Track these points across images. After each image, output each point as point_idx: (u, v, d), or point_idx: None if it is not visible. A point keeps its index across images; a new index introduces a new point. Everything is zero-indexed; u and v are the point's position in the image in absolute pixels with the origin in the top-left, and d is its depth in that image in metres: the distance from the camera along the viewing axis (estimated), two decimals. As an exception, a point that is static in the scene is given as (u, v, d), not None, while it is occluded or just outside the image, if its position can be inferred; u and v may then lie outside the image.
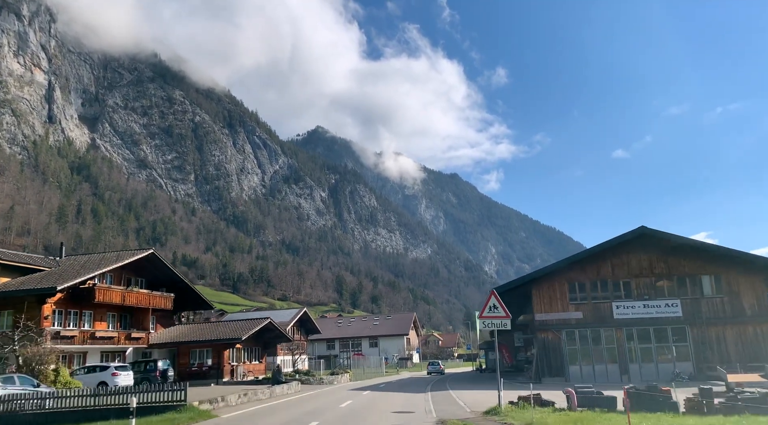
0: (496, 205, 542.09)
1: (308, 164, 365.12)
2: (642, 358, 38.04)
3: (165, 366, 36.75)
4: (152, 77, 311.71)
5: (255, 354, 48.70)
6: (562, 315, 38.77)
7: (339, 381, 45.91)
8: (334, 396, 29.97)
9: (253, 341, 47.01)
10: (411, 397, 27.49)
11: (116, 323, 40.88)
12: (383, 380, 49.06)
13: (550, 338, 38.49)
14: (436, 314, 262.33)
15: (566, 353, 38.14)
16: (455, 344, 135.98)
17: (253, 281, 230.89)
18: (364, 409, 21.56)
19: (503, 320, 18.79)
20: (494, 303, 18.71)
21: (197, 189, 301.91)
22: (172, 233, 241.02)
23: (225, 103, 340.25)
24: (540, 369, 38.32)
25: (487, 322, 18.78)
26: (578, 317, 38.60)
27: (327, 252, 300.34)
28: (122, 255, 41.18)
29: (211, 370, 41.79)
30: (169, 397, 20.21)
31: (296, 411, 21.41)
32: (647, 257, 39.27)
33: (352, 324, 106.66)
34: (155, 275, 44.22)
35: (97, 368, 33.25)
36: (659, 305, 38.39)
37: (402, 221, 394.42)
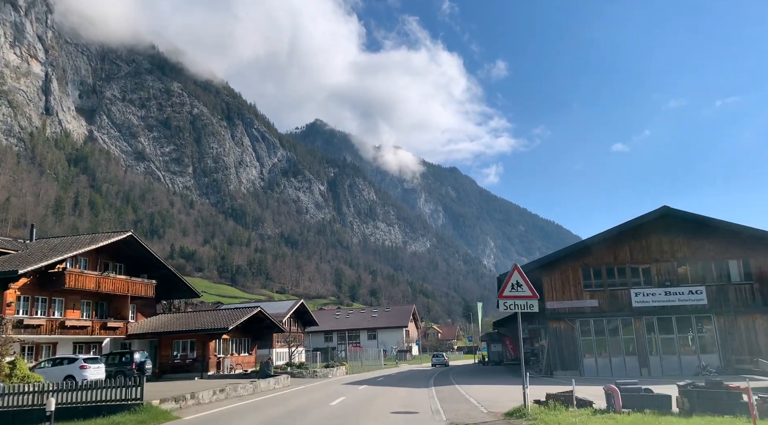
0: (495, 199, 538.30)
1: (307, 158, 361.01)
2: (663, 350, 34.53)
3: (142, 358, 33.19)
4: (150, 69, 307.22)
5: (244, 346, 45.11)
6: (576, 303, 35.15)
7: (334, 374, 42.45)
8: (325, 391, 26.50)
9: (242, 331, 43.46)
10: (412, 393, 24.00)
11: (91, 311, 37.28)
12: (381, 373, 45.58)
13: (563, 328, 34.84)
14: (435, 308, 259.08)
15: (580, 344, 34.56)
16: (455, 336, 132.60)
17: (252, 273, 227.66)
18: (357, 408, 18.05)
19: (529, 300, 15.20)
20: (518, 280, 15.14)
21: (195, 182, 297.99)
22: (170, 226, 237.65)
23: (223, 96, 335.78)
24: (551, 361, 34.81)
25: (508, 303, 15.20)
26: (593, 306, 34.96)
27: (326, 246, 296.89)
28: (97, 238, 37.53)
29: (195, 363, 38.20)
30: (119, 395, 16.69)
31: (277, 411, 17.92)
32: (669, 240, 35.65)
33: (351, 316, 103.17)
34: (135, 260, 40.61)
35: (65, 360, 29.69)
36: (682, 292, 34.82)
37: (401, 214, 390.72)
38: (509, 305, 15.17)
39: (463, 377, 36.00)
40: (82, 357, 29.68)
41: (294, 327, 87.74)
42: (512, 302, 15.14)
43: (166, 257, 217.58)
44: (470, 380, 32.18)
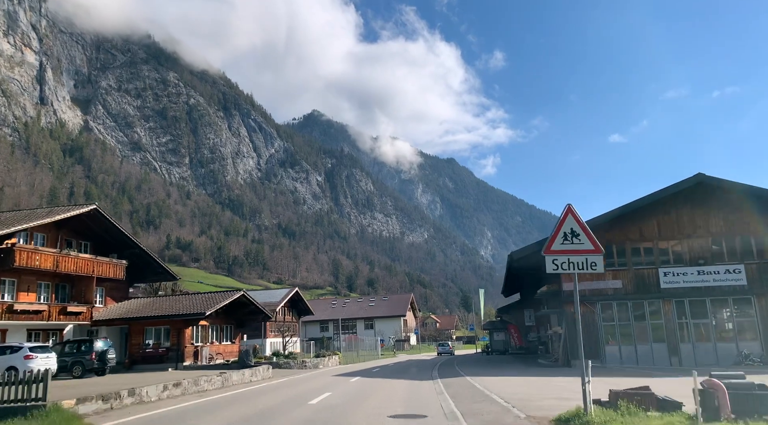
0: (493, 190, 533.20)
1: (304, 148, 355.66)
2: (696, 336, 30.00)
3: (104, 347, 28.51)
4: (146, 59, 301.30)
5: (226, 334, 40.41)
6: (597, 284, 30.39)
7: (325, 364, 37.94)
8: (310, 384, 21.96)
9: (223, 318, 38.87)
10: (415, 387, 19.42)
11: (50, 294, 32.60)
12: (378, 363, 41.03)
13: (582, 312, 30.38)
14: (433, 298, 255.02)
15: (602, 330, 30.01)
16: (453, 326, 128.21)
17: (248, 264, 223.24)
18: (343, 410, 13.45)
19: (590, 256, 10.44)
20: (573, 229, 10.39)
21: (192, 172, 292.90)
22: (167, 216, 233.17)
23: (220, 86, 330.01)
24: (569, 349, 30.21)
25: (560, 261, 10.41)
26: (616, 287, 30.38)
27: (323, 236, 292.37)
28: (56, 211, 32.85)
29: (169, 352, 33.62)
30: (15, 394, 12.08)
31: (236, 414, 13.33)
32: (703, 213, 30.97)
33: (347, 305, 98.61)
34: (104, 238, 35.97)
35: (7, 349, 25.10)
36: (718, 271, 30.24)
37: (398, 205, 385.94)
38: (561, 263, 10.40)
39: (471, 367, 31.44)
40: (27, 346, 25.06)
41: (288, 316, 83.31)
42: (565, 259, 10.37)
43: (162, 248, 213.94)
44: (480, 370, 27.63)
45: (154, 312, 34.48)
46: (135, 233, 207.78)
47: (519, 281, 40.83)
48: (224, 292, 39.78)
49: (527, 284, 40.97)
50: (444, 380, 21.55)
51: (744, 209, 30.59)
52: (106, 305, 36.28)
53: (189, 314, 33.52)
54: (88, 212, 33.20)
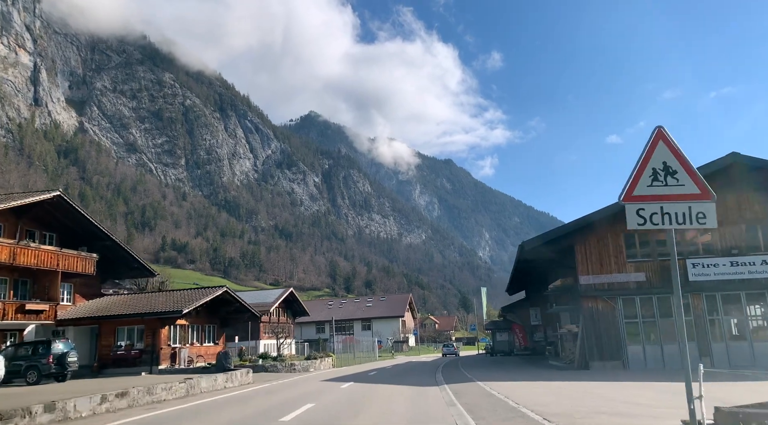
0: (490, 191, 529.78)
1: (301, 149, 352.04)
2: (729, 335, 26.59)
3: (65, 349, 24.97)
4: (141, 60, 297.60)
5: (209, 334, 36.90)
6: (617, 278, 27.04)
7: (316, 367, 34.44)
8: (292, 392, 18.46)
9: (205, 317, 35.41)
10: (419, 396, 15.86)
11: (8, 290, 29.05)
12: (375, 366, 37.50)
13: (601, 308, 26.68)
14: (431, 299, 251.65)
15: (623, 328, 26.49)
16: (453, 327, 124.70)
17: (245, 265, 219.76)
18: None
19: (695, 203, 6.74)
20: (667, 162, 6.62)
21: (188, 174, 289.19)
22: (162, 218, 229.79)
23: (216, 87, 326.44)
24: (586, 350, 26.61)
25: (648, 211, 6.54)
26: (639, 280, 26.91)
27: (320, 238, 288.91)
28: (14, 197, 29.30)
29: (143, 354, 30.15)
30: None
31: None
32: (735, 197, 27.46)
33: (344, 305, 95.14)
34: (72, 229, 32.47)
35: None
36: (753, 262, 26.78)
37: (396, 206, 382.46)
38: (650, 215, 6.68)
39: (478, 369, 27.98)
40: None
41: (283, 317, 79.89)
42: (656, 208, 6.68)
43: (158, 250, 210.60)
44: (490, 374, 24.16)
45: (126, 310, 30.95)
46: (130, 235, 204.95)
47: (526, 278, 37.54)
48: (205, 289, 36.23)
49: (534, 280, 37.73)
50: (452, 386, 18.02)
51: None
52: (75, 303, 32.73)
53: (165, 312, 30.12)
54: (51, 198, 29.65)
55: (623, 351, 26.04)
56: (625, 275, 27.05)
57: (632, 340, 26.37)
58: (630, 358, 25.92)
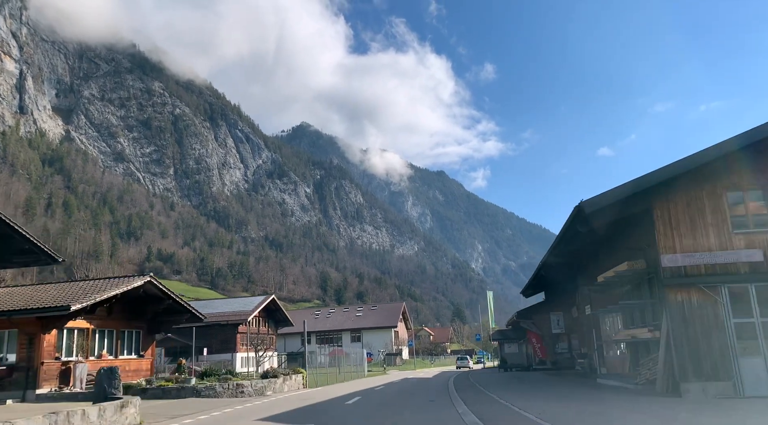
0: (483, 202, 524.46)
1: (292, 159, 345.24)
2: None
3: None
4: (130, 68, 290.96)
5: (128, 343, 27.85)
6: (720, 257, 17.74)
7: (276, 389, 25.75)
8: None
9: (122, 319, 26.51)
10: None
11: None
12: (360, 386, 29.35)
13: (696, 302, 17.51)
14: (424, 311, 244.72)
15: (732, 331, 17.26)
16: (448, 339, 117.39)
17: (233, 276, 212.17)
18: None
19: None
20: None
21: (177, 183, 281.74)
22: (148, 228, 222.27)
23: (206, 96, 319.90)
24: (676, 365, 17.36)
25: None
26: (754, 260, 17.56)
27: (311, 249, 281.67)
28: None
29: (14, 372, 21.75)
30: None
31: None
32: None
33: (332, 315, 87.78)
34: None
35: None
36: None
37: (388, 217, 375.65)
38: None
39: (510, 393, 20.16)
40: None
41: (264, 327, 72.65)
42: None
43: (143, 260, 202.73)
44: (536, 402, 16.10)
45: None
46: (114, 244, 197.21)
47: (553, 274, 29.17)
48: (120, 278, 27.11)
49: (560, 278, 30.03)
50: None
51: None
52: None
53: (47, 309, 21.28)
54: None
55: (732, 367, 16.96)
56: (733, 253, 17.71)
57: (747, 350, 17.10)
58: (744, 377, 16.82)
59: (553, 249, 23.37)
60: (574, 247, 22.38)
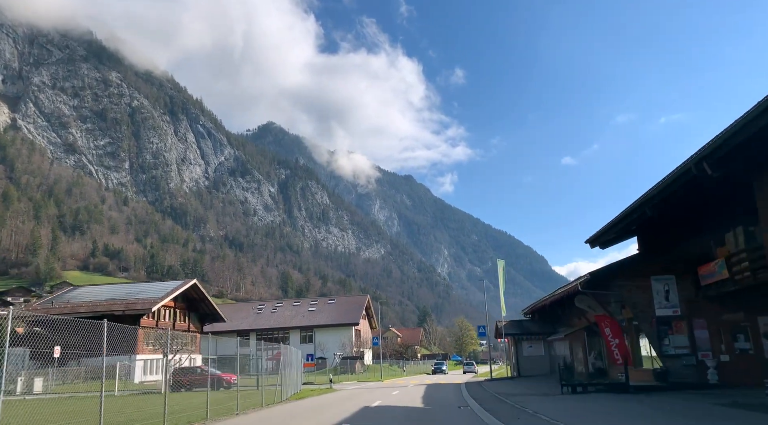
0: (450, 208, 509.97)
1: (257, 157, 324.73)
2: None
3: None
4: (85, 56, 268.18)
5: None
6: None
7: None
8: None
9: None
10: None
11: None
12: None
13: None
14: (389, 315, 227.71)
15: None
16: (419, 341, 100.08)
17: (185, 274, 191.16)
18: None
19: None
20: None
21: (132, 178, 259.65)
22: (97, 222, 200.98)
23: (167, 89, 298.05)
24: None
25: None
26: None
27: (274, 249, 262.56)
28: None
29: None
30: None
31: None
32: None
33: (279, 310, 69.72)
34: None
35: None
36: None
37: (355, 220, 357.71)
38: None
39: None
40: None
41: (183, 321, 54.65)
42: None
43: (87, 255, 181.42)
44: None
45: None
46: (56, 237, 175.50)
47: (676, 208, 13.20)
48: None
49: (695, 211, 13.77)
50: None
51: None
52: None
53: None
54: None
55: None
56: None
57: None
58: None
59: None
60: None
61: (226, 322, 60.63)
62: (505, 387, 23.29)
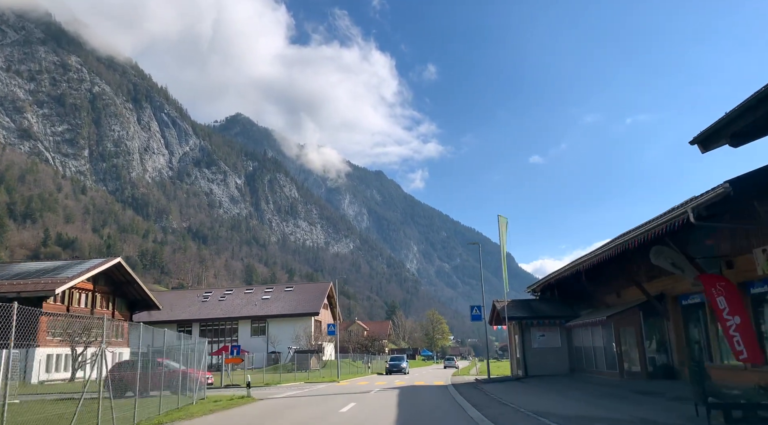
0: (420, 204, 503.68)
1: (223, 148, 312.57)
2: None
3: None
4: (43, 39, 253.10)
5: None
6: None
7: None
8: None
9: None
10: None
11: None
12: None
13: None
14: (357, 309, 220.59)
15: None
16: (387, 335, 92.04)
17: (143, 266, 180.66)
18: None
19: None
20: None
21: (91, 166, 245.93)
22: (51, 210, 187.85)
23: (130, 75, 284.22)
24: None
25: None
26: None
27: (239, 242, 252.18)
28: None
29: None
30: None
31: None
32: None
33: (228, 298, 60.89)
34: None
35: None
36: None
37: (324, 214, 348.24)
38: None
39: None
40: None
41: (105, 308, 45.60)
42: None
43: (38, 244, 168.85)
44: None
45: None
46: (2, 224, 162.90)
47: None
48: None
49: None
50: None
51: None
52: None
53: None
54: None
55: None
56: None
57: None
58: None
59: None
60: None
61: (166, 311, 51.83)
62: (530, 396, 15.12)
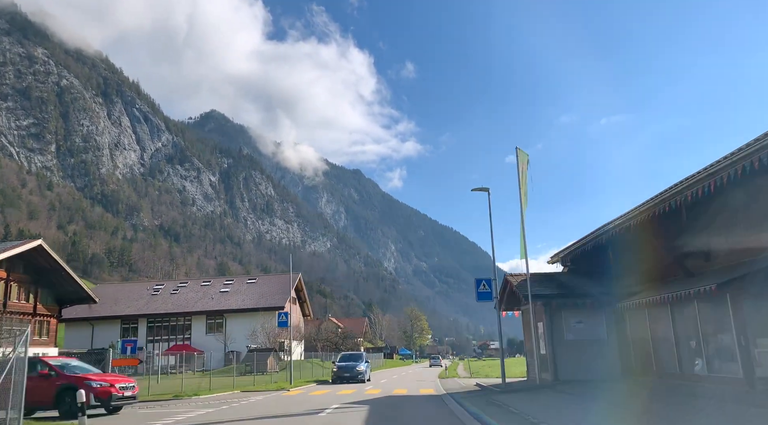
0: (398, 203, 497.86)
1: (197, 145, 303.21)
2: None
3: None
4: (8, 30, 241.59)
5: None
6: None
7: None
8: None
9: None
10: None
11: None
12: None
13: None
14: (334, 308, 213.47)
15: None
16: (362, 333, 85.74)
17: (110, 263, 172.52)
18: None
19: None
20: None
21: (59, 162, 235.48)
22: (13, 206, 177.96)
23: (100, 69, 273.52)
24: None
25: None
26: None
27: (213, 241, 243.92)
28: None
29: None
30: None
31: None
32: None
33: (180, 291, 54.09)
34: None
35: None
36: None
37: (301, 212, 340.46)
38: None
39: None
40: None
41: (25, 301, 38.52)
42: None
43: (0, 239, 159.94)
44: None
45: None
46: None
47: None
48: None
49: None
50: None
51: None
52: None
53: None
54: None
55: None
56: None
57: None
58: None
59: None
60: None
61: (109, 305, 44.87)
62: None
